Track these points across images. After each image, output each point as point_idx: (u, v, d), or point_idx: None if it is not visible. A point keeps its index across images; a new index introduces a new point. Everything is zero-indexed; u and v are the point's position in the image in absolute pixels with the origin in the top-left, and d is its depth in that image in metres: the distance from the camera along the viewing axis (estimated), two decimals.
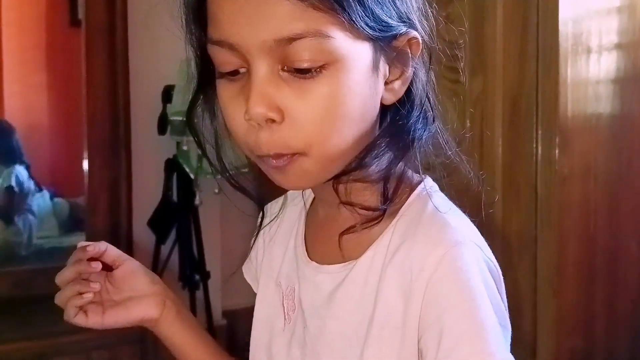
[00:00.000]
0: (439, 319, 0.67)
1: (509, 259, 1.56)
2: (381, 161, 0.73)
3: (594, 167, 1.55)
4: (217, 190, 2.21)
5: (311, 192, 0.85)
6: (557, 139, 1.49)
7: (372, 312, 0.72)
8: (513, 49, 1.57)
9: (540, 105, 1.52)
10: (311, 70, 0.67)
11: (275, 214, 0.90)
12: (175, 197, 2.44)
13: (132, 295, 0.92)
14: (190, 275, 2.45)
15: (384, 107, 0.74)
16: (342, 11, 0.66)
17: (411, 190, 0.76)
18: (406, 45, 0.72)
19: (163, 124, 2.43)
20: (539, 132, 1.52)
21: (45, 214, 2.60)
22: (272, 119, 0.67)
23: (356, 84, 0.69)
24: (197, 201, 2.43)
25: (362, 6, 0.67)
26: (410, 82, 0.74)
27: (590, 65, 1.52)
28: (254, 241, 0.93)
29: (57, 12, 2.66)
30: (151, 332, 0.94)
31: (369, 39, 0.69)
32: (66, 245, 2.55)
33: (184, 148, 2.40)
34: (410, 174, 0.77)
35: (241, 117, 0.69)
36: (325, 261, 0.79)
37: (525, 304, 1.55)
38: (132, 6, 2.39)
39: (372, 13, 0.68)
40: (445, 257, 0.68)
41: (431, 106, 0.76)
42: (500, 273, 0.73)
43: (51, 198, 2.63)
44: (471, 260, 0.69)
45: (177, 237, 2.44)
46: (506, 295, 0.73)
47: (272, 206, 0.91)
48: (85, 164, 2.43)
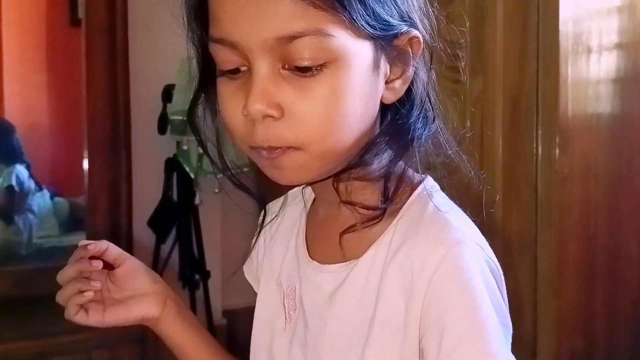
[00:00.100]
0: (440, 318, 0.67)
1: (510, 258, 1.56)
2: (381, 159, 0.73)
3: (594, 167, 1.55)
4: (217, 190, 2.22)
5: (312, 192, 0.85)
6: (557, 138, 1.49)
7: (373, 312, 0.72)
8: (513, 48, 1.57)
9: (540, 105, 1.52)
10: (312, 68, 0.67)
11: (276, 212, 0.90)
12: (175, 196, 2.44)
13: (133, 293, 0.92)
14: (191, 275, 2.45)
15: (384, 106, 0.74)
16: (343, 10, 0.66)
17: (412, 189, 0.76)
18: (407, 44, 0.72)
19: (163, 123, 2.43)
20: (539, 132, 1.52)
21: (46, 214, 2.59)
22: (270, 116, 0.67)
23: (357, 82, 0.69)
24: (197, 201, 2.42)
25: (363, 5, 0.67)
26: (411, 82, 0.74)
27: (590, 65, 1.52)
28: (255, 240, 0.93)
29: (57, 11, 2.66)
30: (152, 332, 0.94)
31: (370, 37, 0.69)
32: (66, 244, 2.54)
33: (184, 148, 2.40)
34: (411, 173, 0.77)
35: (239, 112, 0.69)
36: (326, 261, 0.79)
37: (526, 303, 1.55)
38: (133, 6, 2.38)
39: (373, 12, 0.68)
40: (447, 256, 0.68)
41: (432, 105, 0.76)
42: (501, 273, 0.73)
43: (51, 197, 2.62)
44: (472, 260, 0.69)
45: (177, 237, 2.44)
46: (507, 295, 0.73)
47: (272, 205, 0.91)
48: (86, 163, 2.42)
